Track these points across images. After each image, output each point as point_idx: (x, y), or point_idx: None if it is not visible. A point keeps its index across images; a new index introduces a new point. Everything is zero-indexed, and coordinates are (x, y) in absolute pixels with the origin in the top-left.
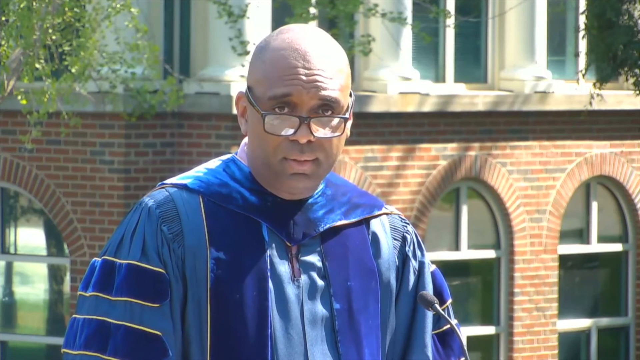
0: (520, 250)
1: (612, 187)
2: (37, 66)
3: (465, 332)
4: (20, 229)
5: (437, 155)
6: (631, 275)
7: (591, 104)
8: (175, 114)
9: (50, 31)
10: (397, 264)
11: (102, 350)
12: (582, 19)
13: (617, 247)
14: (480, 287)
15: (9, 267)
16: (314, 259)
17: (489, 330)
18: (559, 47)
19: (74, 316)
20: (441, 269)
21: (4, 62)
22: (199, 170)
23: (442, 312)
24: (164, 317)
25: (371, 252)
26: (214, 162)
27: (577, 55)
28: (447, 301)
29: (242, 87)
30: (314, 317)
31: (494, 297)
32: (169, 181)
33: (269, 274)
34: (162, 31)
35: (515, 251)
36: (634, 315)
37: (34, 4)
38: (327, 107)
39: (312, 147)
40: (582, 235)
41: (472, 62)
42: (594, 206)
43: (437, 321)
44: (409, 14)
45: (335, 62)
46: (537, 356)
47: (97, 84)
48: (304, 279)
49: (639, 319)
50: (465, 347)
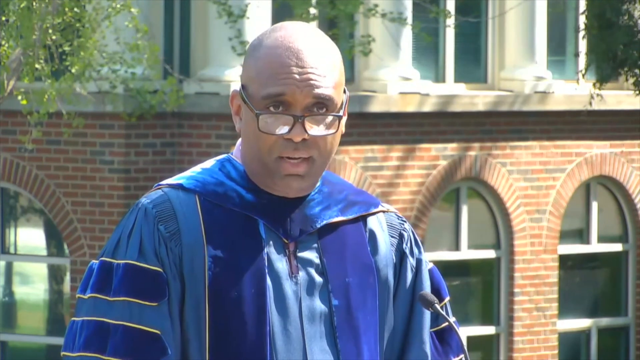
0: (520, 250)
1: (612, 187)
2: (37, 66)
3: (465, 332)
4: (20, 229)
5: (437, 155)
6: (631, 275)
7: (591, 104)
8: (175, 114)
9: (50, 31)
10: (394, 261)
11: (101, 350)
12: (582, 19)
13: (617, 247)
14: (480, 287)
15: (9, 267)
16: (312, 255)
17: (489, 330)
18: (559, 47)
19: (73, 319)
20: (441, 269)
21: (4, 62)
22: (195, 170)
23: (442, 312)
24: (163, 316)
25: (368, 249)
26: (209, 162)
27: (577, 55)
28: (445, 299)
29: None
30: (313, 314)
31: (494, 297)
32: (165, 182)
33: (266, 271)
34: (162, 31)
35: (515, 251)
36: (634, 315)
37: (34, 4)
38: (321, 104)
39: (306, 145)
40: (582, 235)
41: (472, 62)
42: (594, 206)
43: (435, 319)
44: (409, 14)
45: (328, 60)
46: (537, 356)
47: (97, 84)
48: (301, 275)
49: (639, 319)
50: (464, 345)
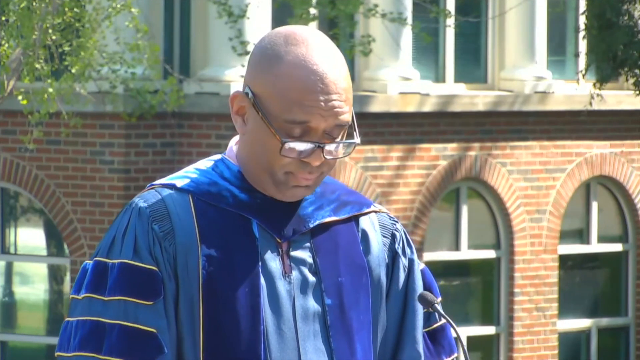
0: (520, 250)
1: (612, 187)
2: (37, 66)
3: (465, 332)
4: (20, 229)
5: (437, 155)
6: (631, 275)
7: (591, 104)
8: (175, 114)
9: (50, 31)
10: (386, 261)
11: (97, 350)
12: (582, 19)
13: (617, 247)
14: (480, 287)
15: (9, 267)
16: (305, 255)
17: (489, 330)
18: (559, 47)
19: (67, 319)
20: (441, 269)
21: (4, 62)
22: (188, 170)
23: (442, 312)
24: (159, 315)
25: (361, 248)
26: (202, 162)
27: (577, 55)
28: (437, 299)
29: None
30: (306, 313)
31: (494, 297)
32: (158, 182)
33: (260, 270)
34: (162, 31)
35: (515, 251)
36: (634, 315)
37: (34, 4)
38: (340, 127)
39: (320, 165)
40: (582, 235)
41: (472, 62)
42: (594, 206)
43: (427, 319)
44: (409, 14)
45: (347, 81)
46: (537, 356)
47: (97, 84)
48: (295, 275)
49: (639, 319)
50: (463, 343)
